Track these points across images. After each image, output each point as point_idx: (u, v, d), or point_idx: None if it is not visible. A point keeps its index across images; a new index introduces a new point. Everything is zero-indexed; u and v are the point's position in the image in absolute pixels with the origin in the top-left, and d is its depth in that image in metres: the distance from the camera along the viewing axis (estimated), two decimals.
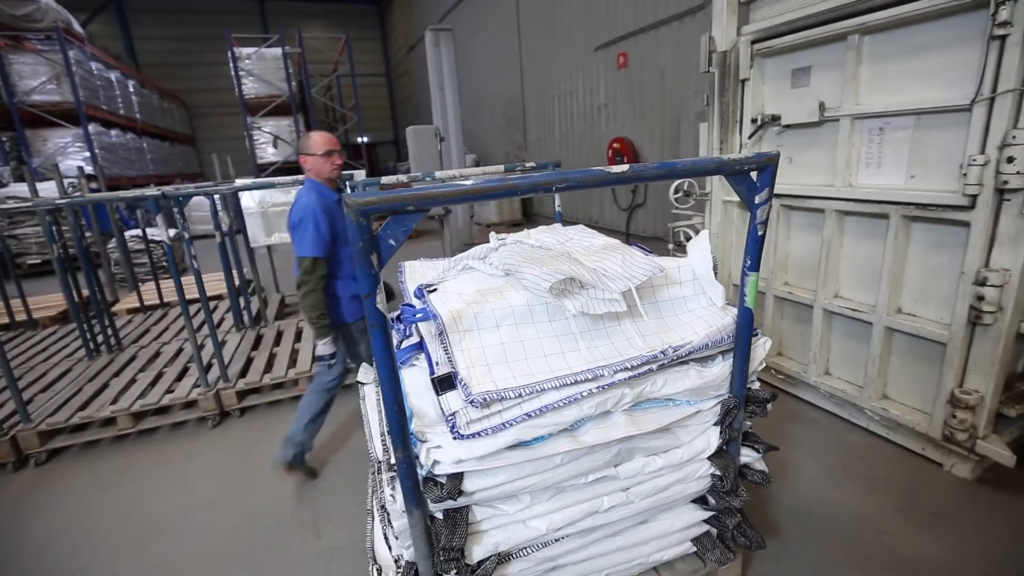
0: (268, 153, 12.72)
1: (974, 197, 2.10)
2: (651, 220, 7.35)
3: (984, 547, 2.02)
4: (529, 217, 11.04)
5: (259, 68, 11.93)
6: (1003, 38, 1.94)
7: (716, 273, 1.63)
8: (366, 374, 2.08)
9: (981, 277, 2.11)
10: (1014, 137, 1.94)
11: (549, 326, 1.42)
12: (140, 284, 5.81)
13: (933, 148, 2.28)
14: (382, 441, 1.52)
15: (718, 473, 1.57)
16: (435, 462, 1.22)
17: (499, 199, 1.03)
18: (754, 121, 2.99)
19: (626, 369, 1.35)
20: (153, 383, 3.51)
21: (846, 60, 2.49)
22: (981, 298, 2.12)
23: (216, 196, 4.19)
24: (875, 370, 2.63)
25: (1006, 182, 1.99)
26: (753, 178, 1.25)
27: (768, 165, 1.23)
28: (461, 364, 1.28)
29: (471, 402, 1.20)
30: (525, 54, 10.17)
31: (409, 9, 17.48)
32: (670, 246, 3.41)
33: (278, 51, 11.82)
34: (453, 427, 1.20)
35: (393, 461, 1.22)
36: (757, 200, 1.27)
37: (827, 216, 2.71)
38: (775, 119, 2.86)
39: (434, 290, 1.71)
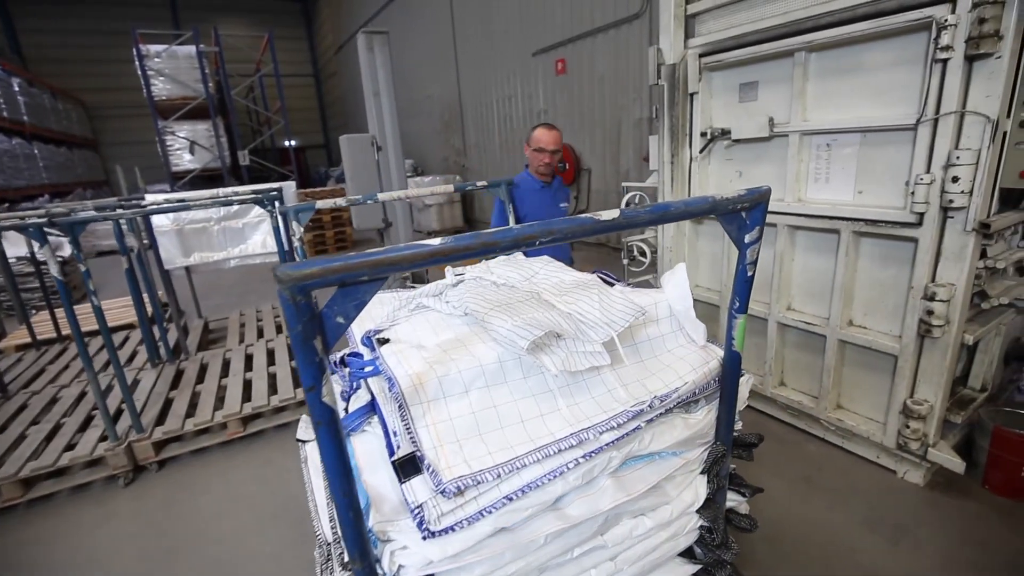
0: (184, 160, 11.73)
1: (921, 215, 2.14)
2: None
3: (945, 556, 2.06)
4: (471, 223, 10.84)
5: (171, 67, 10.97)
6: (945, 61, 1.98)
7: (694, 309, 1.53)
8: (307, 430, 1.82)
9: (930, 292, 2.15)
10: (958, 157, 1.99)
11: (524, 384, 1.25)
12: (31, 314, 5.08)
13: (879, 165, 2.32)
14: (331, 521, 1.29)
15: (707, 524, 1.46)
16: (400, 567, 1.02)
17: (473, 257, 0.84)
18: (703, 135, 2.97)
19: (612, 428, 1.21)
20: (49, 438, 3.02)
21: (793, 76, 2.49)
22: (930, 312, 2.16)
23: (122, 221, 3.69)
24: (829, 381, 2.66)
25: (951, 201, 2.03)
26: (744, 217, 1.14)
27: (760, 202, 1.13)
28: (427, 443, 1.09)
29: (442, 492, 1.01)
30: (461, 57, 9.97)
31: (337, 7, 16.76)
32: (624, 261, 3.34)
33: (192, 49, 10.91)
34: (421, 523, 1.00)
35: (347, 558, 1.01)
36: (747, 239, 1.17)
37: (779, 231, 2.72)
38: (725, 133, 2.85)
39: (386, 340, 1.50)
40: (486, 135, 9.74)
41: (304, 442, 1.80)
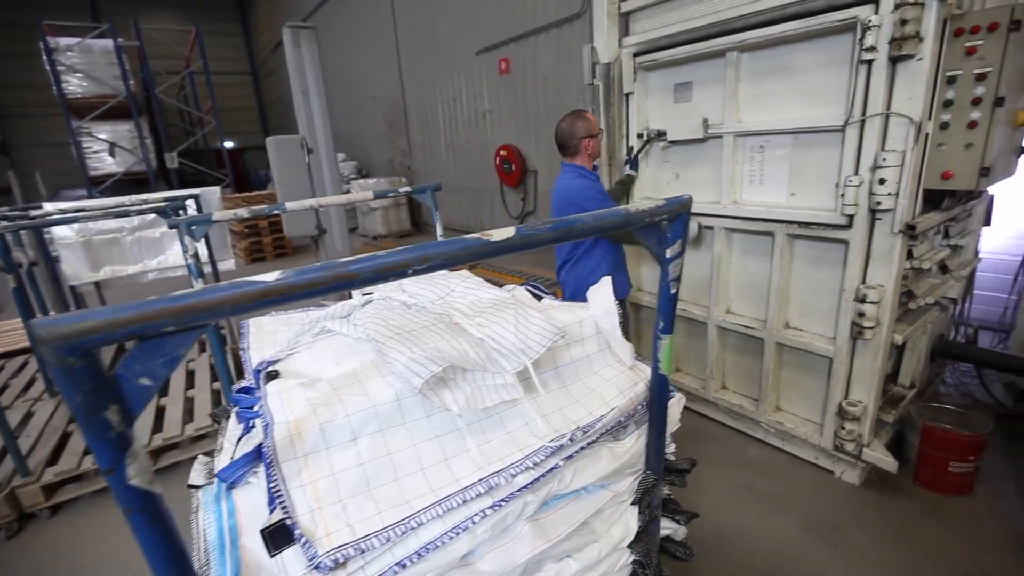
0: (105, 163, 10.86)
1: (851, 217, 2.13)
2: None
3: (880, 557, 2.05)
4: (419, 227, 10.56)
5: (86, 63, 10.10)
6: (870, 63, 1.96)
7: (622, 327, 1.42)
8: (198, 473, 1.59)
9: (861, 294, 2.14)
10: (884, 159, 1.98)
11: (427, 424, 1.09)
12: None
13: (811, 166, 2.30)
14: None
15: (639, 559, 1.35)
16: None
17: (323, 295, 0.68)
18: (640, 136, 2.90)
19: (528, 469, 1.07)
20: None
21: (726, 77, 2.45)
22: (862, 314, 2.16)
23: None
24: (768, 384, 2.64)
25: (879, 203, 2.02)
26: (664, 230, 1.03)
27: (681, 213, 1.01)
28: (302, 507, 0.91)
29: (317, 567, 0.84)
30: (404, 56, 9.68)
31: (274, 2, 16.02)
32: None
33: (109, 43, 10.10)
34: None
35: None
36: (669, 254, 1.06)
37: (716, 233, 2.68)
38: (661, 135, 2.79)
39: (275, 373, 1.31)
40: (431, 136, 9.49)
41: (196, 487, 1.58)
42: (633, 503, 1.33)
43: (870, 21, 1.91)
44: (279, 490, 0.92)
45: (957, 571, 1.97)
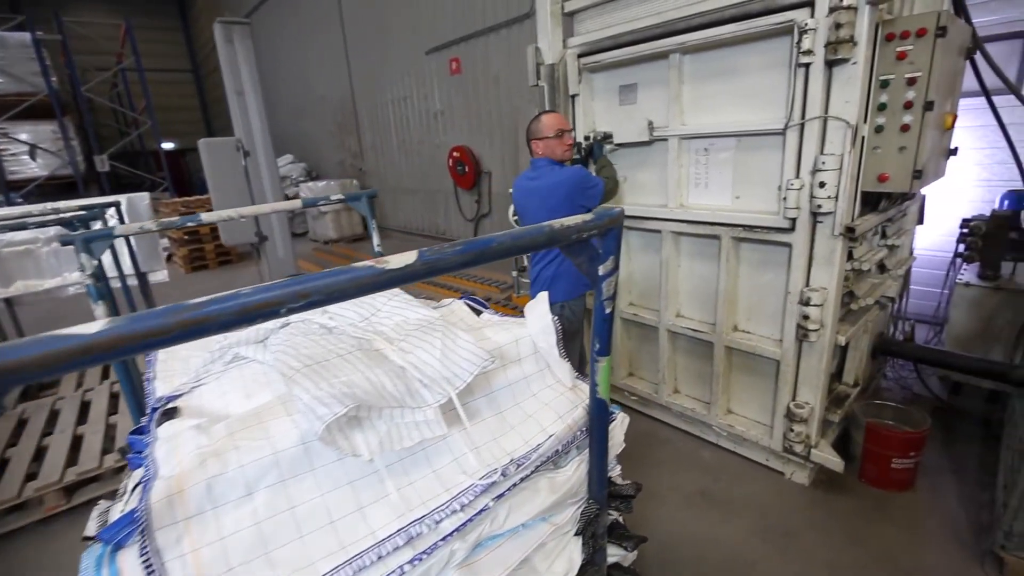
0: (27, 167, 10.04)
1: (793, 220, 2.13)
2: (498, 230, 7.19)
3: (830, 559, 2.06)
4: None
5: (0, 57, 9.30)
6: (807, 66, 1.96)
7: (561, 345, 1.33)
8: (94, 522, 1.41)
9: (805, 297, 2.15)
10: (823, 163, 1.97)
11: (339, 469, 0.97)
12: None
13: (754, 170, 2.30)
14: None
15: None
16: None
17: (166, 346, 0.55)
18: (587, 139, 2.84)
19: (455, 512, 0.97)
20: None
21: (670, 79, 2.42)
22: (806, 317, 2.16)
23: None
24: (719, 388, 2.63)
25: (819, 206, 2.02)
26: (596, 246, 0.95)
27: (612, 227, 0.93)
28: None
29: None
30: (353, 55, 9.39)
31: None
32: (514, 272, 3.15)
33: (27, 36, 9.34)
34: None
35: None
36: (601, 271, 0.97)
37: (664, 237, 2.65)
38: (607, 137, 2.74)
39: (173, 412, 1.15)
40: (383, 137, 9.24)
41: (91, 540, 1.40)
42: (576, 534, 1.25)
43: (806, 25, 1.90)
44: (151, 565, 0.78)
45: (902, 570, 2.00)
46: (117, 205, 3.66)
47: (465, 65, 6.94)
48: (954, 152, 2.48)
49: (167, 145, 14.65)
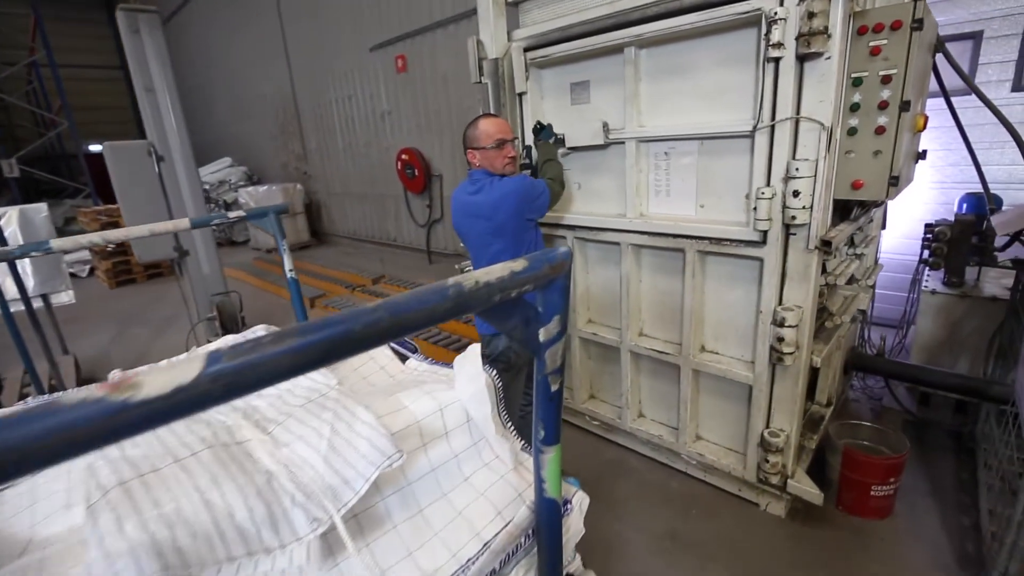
0: None
1: (764, 232, 1.92)
2: (452, 236, 6.86)
3: None
4: (320, 237, 9.73)
5: None
6: (777, 61, 1.74)
7: (501, 408, 1.04)
8: None
9: (779, 317, 1.94)
10: (796, 169, 1.77)
11: None
12: None
13: (719, 176, 2.08)
14: None
15: None
16: None
17: None
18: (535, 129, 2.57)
19: None
20: None
21: (625, 76, 2.17)
22: (781, 339, 1.95)
23: None
24: (687, 414, 2.41)
25: (793, 217, 1.81)
26: (533, 302, 0.66)
27: (555, 278, 0.65)
28: None
29: None
30: (293, 51, 8.82)
31: None
32: (457, 267, 2.83)
33: None
34: None
35: None
36: (543, 336, 0.69)
37: (623, 250, 2.41)
38: (558, 141, 2.47)
39: None
40: (327, 138, 8.72)
41: None
42: None
43: (775, 14, 1.68)
44: None
45: None
46: None
47: (412, 63, 6.57)
48: (923, 156, 2.35)
49: (95, 148, 13.51)
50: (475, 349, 1.04)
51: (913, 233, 3.75)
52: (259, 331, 1.29)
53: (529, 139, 2.52)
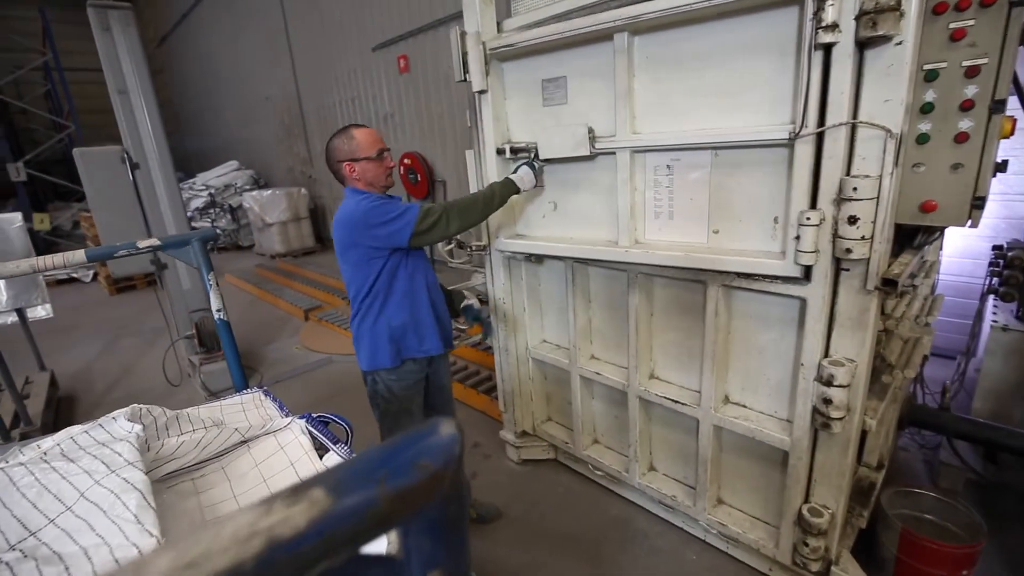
0: None
1: (808, 268, 1.52)
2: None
3: None
4: (325, 243, 9.47)
5: None
6: (828, 48, 1.34)
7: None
8: None
9: (826, 375, 1.53)
10: (854, 189, 1.36)
11: None
12: None
13: (739, 195, 1.67)
14: None
15: None
16: None
17: None
18: (500, 152, 2.20)
19: None
20: None
21: (616, 69, 1.77)
22: (828, 401, 1.55)
23: None
24: (707, 476, 2.02)
25: (848, 250, 1.41)
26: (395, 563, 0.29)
27: (422, 507, 0.27)
28: None
29: None
30: (297, 52, 8.59)
31: None
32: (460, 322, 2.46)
33: None
34: None
35: None
36: None
37: (631, 279, 2.02)
38: (524, 150, 2.12)
39: None
40: None
41: None
42: None
43: None
44: None
45: None
46: None
47: (414, 63, 6.25)
48: (1003, 167, 1.92)
49: None
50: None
51: (970, 251, 3.30)
52: (120, 417, 0.94)
53: (492, 144, 2.19)
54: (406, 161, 6.53)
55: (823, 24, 1.30)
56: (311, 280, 6.81)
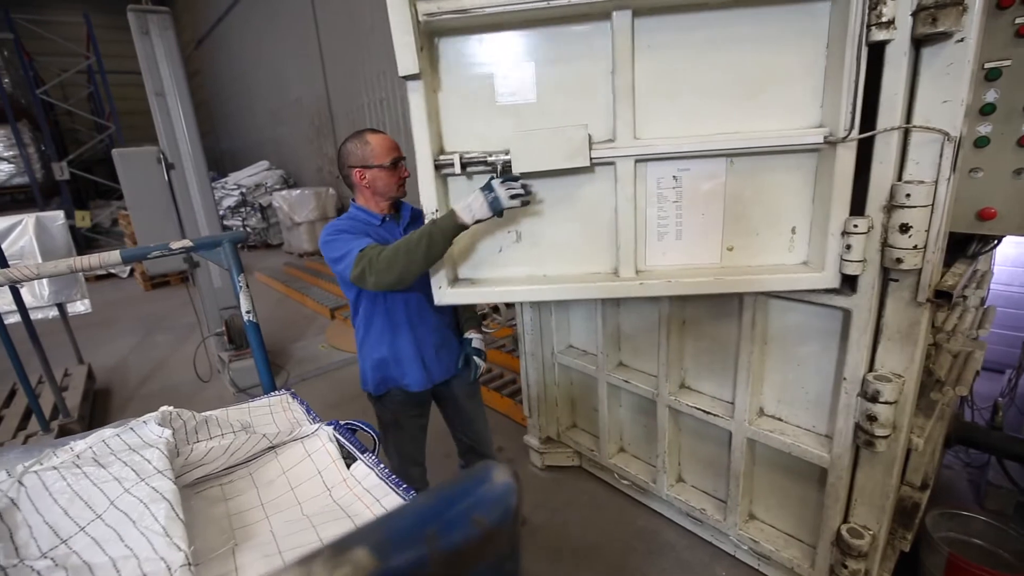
0: None
1: (854, 278, 1.44)
2: None
3: None
4: None
5: None
6: (882, 46, 1.27)
7: None
8: None
9: (871, 391, 1.46)
10: (908, 196, 1.29)
11: None
12: None
13: (757, 205, 1.53)
14: None
15: None
16: None
17: None
18: (440, 167, 1.58)
19: None
20: None
21: (615, 59, 1.45)
22: (872, 418, 1.47)
23: None
24: (739, 490, 1.95)
25: (899, 260, 1.33)
26: None
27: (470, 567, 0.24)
28: None
29: None
30: (327, 54, 8.71)
31: None
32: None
33: None
34: None
35: None
36: None
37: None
38: (483, 163, 1.56)
39: None
40: None
41: None
42: None
43: None
44: None
45: None
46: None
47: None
48: None
49: None
50: None
51: (1016, 257, 3.13)
52: (151, 421, 0.94)
53: (426, 155, 1.59)
54: None
55: (878, 20, 1.23)
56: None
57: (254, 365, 3.78)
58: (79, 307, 4.33)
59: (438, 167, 1.58)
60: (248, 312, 1.51)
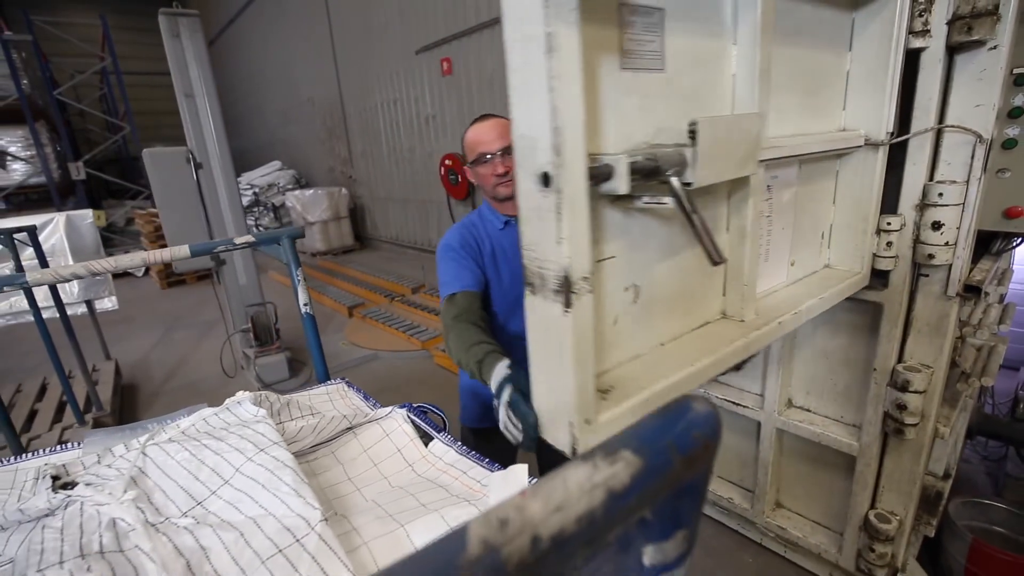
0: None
1: (887, 273, 1.51)
2: None
3: None
4: (364, 241, 9.69)
5: None
6: (918, 53, 1.34)
7: None
8: None
9: (901, 380, 1.53)
10: (940, 195, 1.36)
11: None
12: None
13: (810, 214, 1.46)
14: None
15: None
16: None
17: None
18: (595, 177, 0.76)
19: None
20: None
21: (758, 22, 1.47)
22: (902, 407, 1.54)
23: None
24: (767, 479, 2.02)
25: (931, 256, 1.41)
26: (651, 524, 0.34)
27: (689, 478, 0.32)
28: None
29: None
30: (340, 55, 8.81)
31: None
32: None
33: None
34: None
35: None
36: (650, 560, 0.36)
37: None
38: (656, 171, 1.74)
39: None
40: (373, 143, 8.64)
41: None
42: None
43: None
44: None
45: None
46: (32, 230, 3.07)
47: (457, 65, 6.35)
48: None
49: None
50: (521, 470, 0.73)
51: None
52: (245, 401, 1.02)
53: (579, 155, 1.54)
54: (447, 162, 6.64)
55: (915, 30, 1.30)
56: (353, 278, 6.99)
57: (279, 360, 3.86)
58: (107, 304, 4.43)
59: (592, 176, 0.73)
60: (306, 304, 1.59)
